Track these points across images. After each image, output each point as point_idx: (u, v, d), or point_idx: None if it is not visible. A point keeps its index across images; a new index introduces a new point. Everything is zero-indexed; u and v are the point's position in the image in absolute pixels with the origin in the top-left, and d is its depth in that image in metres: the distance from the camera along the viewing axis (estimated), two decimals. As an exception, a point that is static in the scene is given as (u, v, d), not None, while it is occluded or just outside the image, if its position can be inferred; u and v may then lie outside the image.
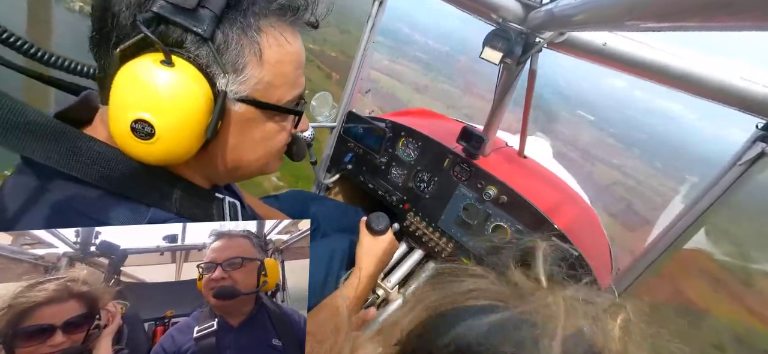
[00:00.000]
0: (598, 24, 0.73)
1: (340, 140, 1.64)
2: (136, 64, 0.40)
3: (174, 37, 0.41)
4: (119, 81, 0.40)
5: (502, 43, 0.97)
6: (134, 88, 0.39)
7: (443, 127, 1.65)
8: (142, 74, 0.39)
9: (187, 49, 0.42)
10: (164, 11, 0.39)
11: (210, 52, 0.42)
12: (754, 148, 0.83)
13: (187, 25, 0.40)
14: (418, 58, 57.47)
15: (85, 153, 0.42)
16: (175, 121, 0.41)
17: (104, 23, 0.41)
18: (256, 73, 0.46)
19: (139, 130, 0.40)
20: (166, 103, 0.40)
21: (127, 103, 0.40)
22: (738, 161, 0.85)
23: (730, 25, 0.40)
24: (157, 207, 0.46)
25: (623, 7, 0.57)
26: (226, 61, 0.44)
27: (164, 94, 0.40)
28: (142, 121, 0.40)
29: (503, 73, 1.25)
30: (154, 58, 0.40)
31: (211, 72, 0.43)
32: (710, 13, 0.40)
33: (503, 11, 1.01)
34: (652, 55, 0.93)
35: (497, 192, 1.29)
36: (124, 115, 0.40)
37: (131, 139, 0.40)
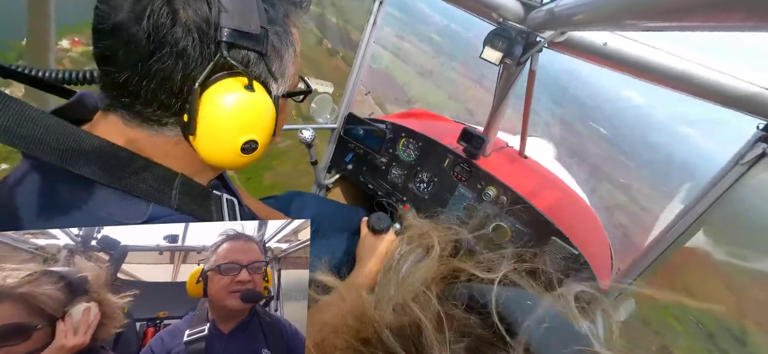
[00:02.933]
0: (598, 23, 0.73)
1: (341, 141, 1.65)
2: (229, 93, 0.43)
3: (239, 59, 0.44)
4: (213, 108, 0.43)
5: (502, 43, 0.97)
6: (239, 116, 0.44)
7: (443, 128, 1.65)
8: (240, 102, 0.44)
9: (252, 68, 0.46)
10: (232, 38, 0.41)
11: (265, 66, 0.47)
12: (755, 148, 0.83)
13: (251, 47, 0.43)
14: (431, 39, 54.96)
15: (86, 149, 0.42)
16: (267, 133, 0.49)
17: (159, 56, 0.41)
18: (292, 70, 0.52)
19: (248, 148, 0.47)
20: (263, 122, 0.47)
21: (235, 129, 0.45)
22: (740, 161, 0.85)
23: (731, 25, 0.40)
24: (156, 202, 0.46)
25: (624, 7, 0.57)
26: (277, 71, 0.49)
27: (260, 116, 0.46)
28: (252, 140, 0.47)
29: (503, 73, 1.25)
30: (235, 83, 0.44)
31: (267, 83, 0.48)
32: (711, 12, 0.40)
33: (504, 11, 1.01)
34: (653, 56, 0.93)
35: (497, 192, 1.29)
36: (235, 140, 0.46)
37: (239, 156, 0.47)
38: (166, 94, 0.42)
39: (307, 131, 1.38)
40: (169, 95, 0.43)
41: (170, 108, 0.44)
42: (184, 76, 0.42)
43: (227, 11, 0.41)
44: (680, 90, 0.93)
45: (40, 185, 0.43)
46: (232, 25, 0.41)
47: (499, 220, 1.31)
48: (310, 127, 1.40)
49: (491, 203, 1.31)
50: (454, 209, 1.40)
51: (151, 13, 0.39)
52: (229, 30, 0.41)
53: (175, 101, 0.43)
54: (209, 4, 0.41)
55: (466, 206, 1.37)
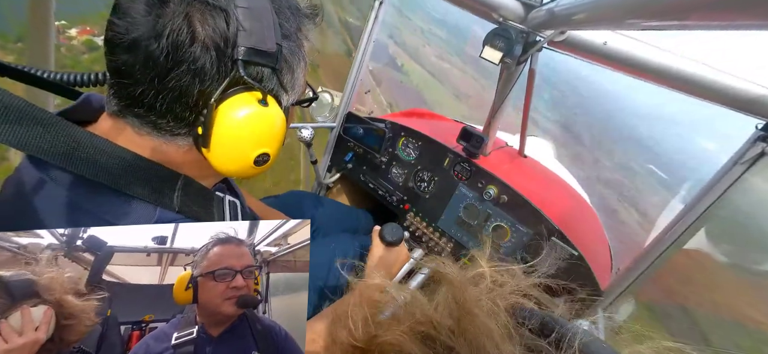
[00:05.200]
0: (598, 23, 0.73)
1: (340, 140, 1.64)
2: (243, 108, 0.43)
3: (254, 74, 0.44)
4: (228, 122, 0.43)
5: (502, 43, 0.97)
6: (253, 131, 0.45)
7: (443, 128, 1.65)
8: (255, 118, 0.44)
9: (265, 84, 0.46)
10: (249, 56, 0.42)
11: (278, 80, 0.48)
12: (755, 148, 0.83)
13: (266, 64, 0.44)
14: (478, 62, 53.65)
15: (89, 149, 0.42)
16: (278, 145, 0.50)
17: (176, 73, 0.41)
18: (302, 81, 0.53)
19: (260, 161, 0.48)
20: (276, 135, 0.48)
21: (249, 144, 0.46)
22: (739, 160, 0.85)
23: (731, 24, 0.40)
24: (160, 206, 0.46)
25: (624, 6, 0.57)
26: (288, 84, 0.50)
27: (273, 130, 0.47)
28: (265, 153, 0.48)
29: (503, 72, 1.25)
30: (250, 98, 0.44)
31: (279, 96, 0.49)
32: (711, 12, 0.40)
33: (504, 10, 1.01)
34: (653, 55, 0.93)
35: (497, 191, 1.29)
36: (249, 154, 0.47)
37: (252, 168, 0.48)
38: (181, 107, 0.43)
39: (307, 130, 1.38)
40: (185, 109, 0.43)
41: (184, 120, 0.44)
42: (200, 92, 0.42)
43: (245, 30, 0.41)
44: (680, 90, 0.93)
45: (43, 188, 0.43)
46: (249, 44, 0.41)
47: (499, 220, 1.31)
48: (310, 126, 1.40)
49: (492, 202, 1.31)
50: (454, 208, 1.40)
51: (171, 31, 0.39)
52: (245, 48, 0.41)
53: (189, 114, 0.44)
54: (227, 23, 0.41)
55: (467, 205, 1.37)
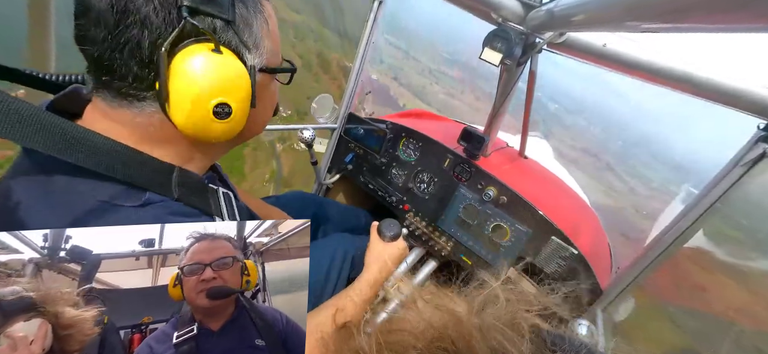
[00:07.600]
0: (598, 24, 0.73)
1: (341, 141, 1.65)
2: (195, 56, 0.43)
3: (205, 26, 0.44)
4: (182, 73, 0.43)
5: (501, 44, 0.97)
6: (207, 77, 0.44)
7: (444, 129, 1.65)
8: (208, 64, 0.44)
9: (219, 35, 0.46)
10: (195, 3, 0.42)
11: (234, 34, 0.47)
12: (756, 148, 0.83)
13: (216, 13, 0.44)
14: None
15: (84, 142, 0.42)
16: (241, 98, 0.48)
17: (124, 26, 0.42)
18: (267, 44, 0.52)
19: (220, 112, 0.47)
20: (234, 84, 0.47)
21: (204, 90, 0.45)
22: (740, 162, 0.85)
23: (731, 26, 0.40)
24: (157, 193, 0.47)
25: (624, 7, 0.57)
26: (248, 40, 0.49)
27: (231, 78, 0.46)
28: (223, 103, 0.46)
29: (503, 73, 1.25)
30: (203, 48, 0.44)
31: (239, 51, 0.48)
32: (712, 13, 0.40)
33: (503, 11, 1.01)
34: (653, 57, 0.93)
35: (497, 192, 1.29)
36: (206, 102, 0.45)
37: (213, 121, 0.47)
38: (138, 64, 0.43)
39: (308, 131, 1.38)
40: (141, 66, 0.43)
41: (145, 80, 0.44)
42: (151, 44, 0.42)
43: None
44: (680, 90, 0.93)
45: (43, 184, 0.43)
46: None
47: (499, 220, 1.31)
48: (311, 127, 1.40)
49: (492, 203, 1.31)
50: (454, 209, 1.40)
51: None
52: None
53: (148, 71, 0.44)
54: None
55: (466, 206, 1.37)
